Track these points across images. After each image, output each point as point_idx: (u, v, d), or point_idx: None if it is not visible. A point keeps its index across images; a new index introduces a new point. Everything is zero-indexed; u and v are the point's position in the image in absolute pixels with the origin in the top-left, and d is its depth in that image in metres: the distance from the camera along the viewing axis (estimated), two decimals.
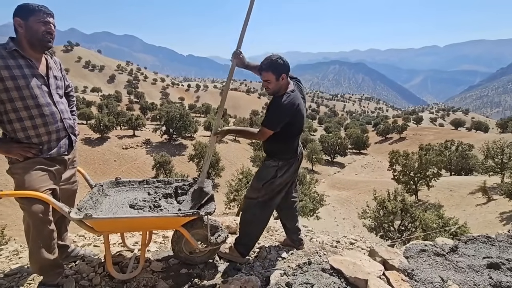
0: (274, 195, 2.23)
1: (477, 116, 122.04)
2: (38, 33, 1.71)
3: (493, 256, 2.06)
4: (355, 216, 18.19)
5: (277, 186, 2.20)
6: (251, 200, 2.25)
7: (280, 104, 1.97)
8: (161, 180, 2.47)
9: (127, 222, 1.81)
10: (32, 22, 1.69)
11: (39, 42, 1.74)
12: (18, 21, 1.69)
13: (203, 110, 65.24)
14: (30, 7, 1.69)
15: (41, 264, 1.78)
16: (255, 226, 2.29)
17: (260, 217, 2.27)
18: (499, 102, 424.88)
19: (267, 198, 2.21)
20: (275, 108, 1.97)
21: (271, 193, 2.21)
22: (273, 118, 1.99)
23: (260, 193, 2.20)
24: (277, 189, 2.21)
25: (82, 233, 2.88)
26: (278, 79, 2.01)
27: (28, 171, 1.71)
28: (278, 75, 1.99)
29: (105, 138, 32.14)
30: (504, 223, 14.64)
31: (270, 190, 2.19)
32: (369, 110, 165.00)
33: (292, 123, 2.04)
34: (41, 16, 1.70)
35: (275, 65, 1.98)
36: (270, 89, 2.05)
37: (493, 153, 22.45)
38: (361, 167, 40.00)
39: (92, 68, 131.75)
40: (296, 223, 2.50)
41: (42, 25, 1.71)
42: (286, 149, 2.14)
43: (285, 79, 2.04)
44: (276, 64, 1.98)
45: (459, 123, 65.26)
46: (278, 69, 1.98)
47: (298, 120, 2.07)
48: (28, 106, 1.71)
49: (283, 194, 2.30)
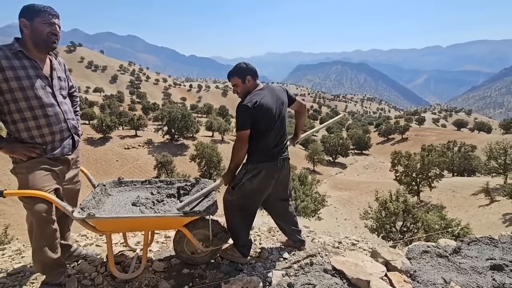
0: (246, 199, 2.14)
1: (480, 117, 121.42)
2: (43, 34, 1.72)
3: (496, 257, 2.05)
4: (357, 217, 18.14)
5: (249, 192, 2.11)
6: (227, 203, 2.19)
7: (241, 104, 2.01)
8: (164, 180, 2.47)
9: (129, 222, 1.82)
10: (38, 23, 1.70)
11: (44, 43, 1.75)
12: (24, 22, 1.70)
13: (205, 111, 65.32)
14: (36, 8, 1.70)
15: (44, 263, 1.79)
16: (241, 227, 2.22)
17: (241, 219, 2.21)
18: (502, 103, 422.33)
19: (241, 201, 2.14)
20: (238, 108, 2.01)
21: (242, 197, 2.13)
22: (239, 117, 2.00)
23: (233, 196, 2.14)
24: (249, 195, 2.12)
25: (84, 233, 2.90)
26: (244, 82, 2.11)
27: (32, 171, 1.73)
28: (243, 78, 2.10)
29: (107, 138, 32.27)
30: (507, 224, 14.54)
31: (242, 195, 2.11)
32: (371, 110, 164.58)
33: (256, 120, 2.00)
34: (46, 17, 1.71)
35: (238, 70, 2.11)
36: (239, 92, 2.14)
37: (496, 154, 22.31)
38: (363, 168, 39.90)
39: (94, 69, 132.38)
40: (293, 225, 2.46)
41: (48, 26, 1.72)
42: (255, 150, 2.08)
43: (251, 81, 2.12)
44: (239, 68, 2.11)
45: (462, 123, 64.98)
46: (242, 72, 2.10)
47: (263, 117, 2.01)
48: (32, 107, 1.72)
49: (258, 202, 2.20)
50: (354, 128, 57.87)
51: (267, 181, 2.12)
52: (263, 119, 2.02)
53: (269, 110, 2.04)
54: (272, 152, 2.11)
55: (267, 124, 2.05)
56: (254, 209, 2.22)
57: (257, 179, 2.08)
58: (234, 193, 2.13)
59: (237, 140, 2.03)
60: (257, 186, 2.10)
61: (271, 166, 2.10)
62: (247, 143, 2.03)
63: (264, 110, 2.01)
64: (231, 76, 2.14)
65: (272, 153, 2.11)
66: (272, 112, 2.06)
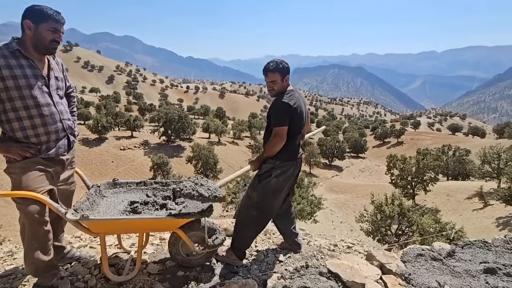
0: (268, 198, 2.18)
1: (474, 122, 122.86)
2: (46, 41, 1.72)
3: (490, 261, 2.07)
4: (353, 220, 18.19)
5: (274, 187, 2.15)
6: (247, 200, 2.22)
7: (283, 101, 2.07)
8: (159, 181, 2.46)
9: (124, 224, 1.81)
10: (42, 29, 1.69)
11: (44, 48, 1.75)
12: (28, 24, 1.68)
13: (202, 112, 65.15)
14: (44, 14, 1.67)
15: (36, 265, 1.76)
16: (250, 229, 2.24)
17: (254, 222, 2.22)
18: (496, 108, 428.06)
19: (261, 200, 2.18)
20: (280, 104, 2.06)
21: (265, 195, 2.17)
22: (281, 114, 2.06)
23: (255, 192, 2.18)
24: (271, 192, 2.16)
25: (78, 234, 2.86)
26: (283, 80, 2.15)
27: (26, 171, 1.71)
28: (283, 76, 2.14)
29: (103, 139, 32.04)
30: (501, 228, 14.69)
31: (265, 191, 2.16)
32: (367, 114, 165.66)
33: (292, 120, 2.09)
34: (52, 25, 1.70)
35: (280, 67, 2.13)
36: (275, 90, 2.16)
37: (489, 158, 22.59)
38: (359, 171, 40.09)
39: (91, 69, 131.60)
40: (292, 227, 2.48)
41: (52, 33, 1.72)
42: (284, 148, 2.12)
43: (287, 81, 2.18)
44: (281, 66, 2.13)
45: (457, 128, 65.60)
46: (283, 71, 2.13)
47: (297, 118, 2.12)
48: (27, 106, 1.70)
49: (280, 199, 2.25)
50: (350, 131, 58.16)
51: (290, 179, 2.22)
52: (297, 120, 2.12)
53: (302, 112, 2.16)
54: (296, 152, 2.22)
55: (298, 126, 2.16)
56: (270, 211, 2.25)
57: (284, 176, 2.16)
58: (258, 188, 2.17)
59: (275, 135, 2.07)
60: (282, 184, 2.17)
61: (295, 164, 2.21)
62: (285, 139, 2.08)
63: (299, 112, 2.13)
64: (272, 72, 2.12)
65: (295, 153, 2.22)
66: (303, 115, 2.18)
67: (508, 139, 42.78)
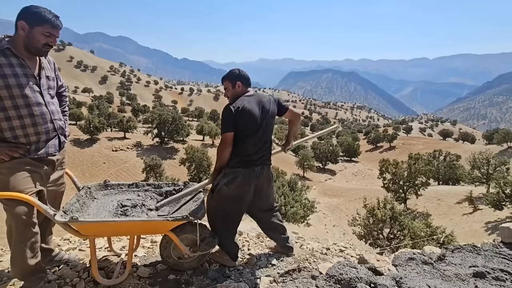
0: (225, 205, 2.14)
1: (464, 128, 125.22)
2: (39, 44, 1.69)
3: (479, 265, 2.10)
4: (345, 223, 18.28)
5: (227, 197, 2.10)
6: (208, 207, 2.18)
7: (227, 107, 2.09)
8: (151, 183, 2.44)
9: (114, 226, 1.78)
10: (37, 32, 1.66)
11: (36, 50, 1.72)
12: (23, 25, 1.65)
13: (196, 114, 64.86)
14: (42, 17, 1.64)
15: (23, 268, 1.72)
16: (223, 235, 2.20)
17: (224, 226, 2.20)
18: (485, 115, 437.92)
19: (219, 207, 2.15)
20: (223, 110, 2.09)
21: (220, 203, 2.14)
22: (223, 120, 2.07)
23: (212, 200, 2.17)
24: (228, 201, 2.12)
25: (67, 237, 2.81)
26: (234, 87, 2.20)
27: (14, 172, 1.67)
28: (234, 83, 2.20)
29: (95, 140, 31.59)
30: (489, 232, 14.96)
31: (219, 199, 2.13)
32: (360, 118, 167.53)
33: (237, 125, 2.04)
34: (48, 30, 1.67)
35: (230, 75, 2.22)
36: (229, 96, 2.23)
37: (479, 163, 23.06)
38: (351, 175, 40.40)
39: (84, 68, 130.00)
40: (281, 233, 2.45)
41: (46, 38, 1.69)
42: (233, 154, 2.09)
43: (241, 87, 2.20)
44: (232, 74, 2.22)
45: (447, 133, 66.83)
46: (233, 78, 2.20)
47: (246, 121, 2.05)
48: (17, 106, 1.67)
49: (239, 209, 2.19)
50: (344, 135, 58.67)
51: (244, 187, 2.11)
52: (244, 124, 2.06)
53: (251, 116, 2.07)
54: (250, 158, 2.11)
55: (247, 130, 2.08)
56: (235, 215, 2.21)
57: (234, 184, 2.08)
58: (213, 197, 2.17)
59: (220, 142, 2.09)
60: (235, 192, 2.10)
61: (248, 172, 2.10)
62: (230, 145, 2.07)
63: (246, 115, 2.05)
64: (223, 80, 2.25)
65: (250, 159, 2.11)
66: (254, 119, 2.08)
67: (497, 145, 43.76)
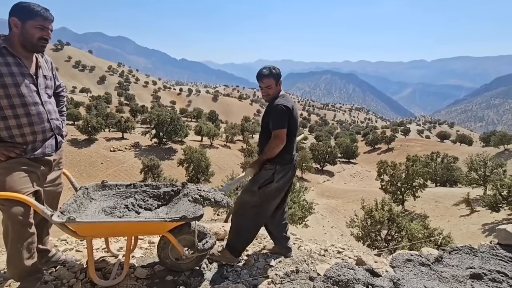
0: (269, 201, 2.24)
1: (462, 130, 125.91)
2: (33, 38, 1.68)
3: (476, 266, 2.11)
4: (343, 225, 18.31)
5: (273, 191, 2.21)
6: (246, 204, 2.24)
7: (280, 105, 2.14)
8: (149, 184, 2.43)
9: (112, 227, 1.77)
10: (29, 26, 1.65)
11: (32, 46, 1.71)
12: (15, 21, 1.64)
13: (194, 115, 64.79)
14: (31, 11, 1.64)
15: (19, 269, 1.71)
16: (248, 231, 2.29)
17: (254, 223, 2.27)
18: (482, 117, 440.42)
19: (262, 203, 2.22)
20: (280, 107, 2.13)
21: (266, 199, 2.22)
22: (281, 117, 2.13)
23: (255, 197, 2.21)
24: (272, 195, 2.22)
25: (64, 237, 2.79)
26: (277, 85, 2.24)
27: (10, 172, 1.66)
28: (277, 81, 2.24)
29: (93, 140, 31.49)
30: (486, 234, 15.02)
31: (265, 195, 2.20)
32: (358, 120, 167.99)
33: (290, 123, 2.17)
34: (40, 22, 1.67)
35: (274, 73, 2.23)
36: (271, 94, 2.25)
37: (476, 165, 23.17)
38: (350, 176, 40.49)
39: (82, 68, 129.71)
40: (283, 231, 2.49)
41: (40, 31, 1.68)
42: (284, 150, 2.18)
43: (280, 85, 2.28)
44: (274, 71, 2.24)
45: (445, 135, 67.16)
46: (277, 76, 2.24)
47: (293, 121, 2.19)
48: (13, 105, 1.66)
49: (277, 201, 2.31)
50: (342, 137, 58.81)
51: (289, 182, 2.29)
52: (294, 123, 2.20)
53: (297, 116, 2.27)
54: (293, 155, 2.29)
55: (294, 128, 2.23)
56: (267, 213, 2.30)
57: (284, 179, 2.22)
58: (257, 193, 2.20)
59: (276, 137, 2.13)
60: (281, 187, 2.24)
61: (293, 167, 2.29)
62: (285, 141, 2.15)
63: (295, 115, 2.23)
64: (267, 77, 2.21)
65: (293, 156, 2.29)
66: (298, 119, 2.29)
67: (494, 147, 44.02)
